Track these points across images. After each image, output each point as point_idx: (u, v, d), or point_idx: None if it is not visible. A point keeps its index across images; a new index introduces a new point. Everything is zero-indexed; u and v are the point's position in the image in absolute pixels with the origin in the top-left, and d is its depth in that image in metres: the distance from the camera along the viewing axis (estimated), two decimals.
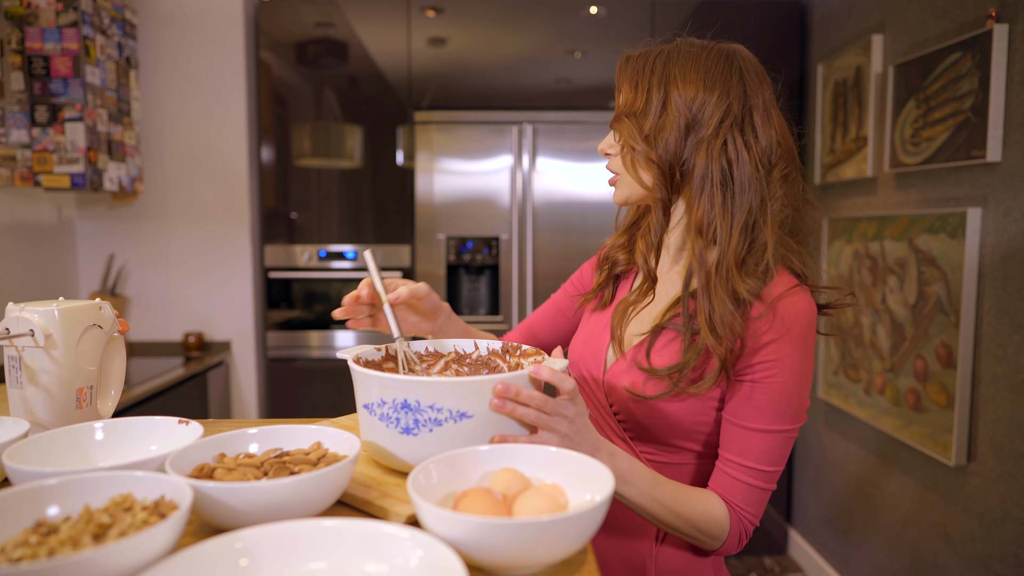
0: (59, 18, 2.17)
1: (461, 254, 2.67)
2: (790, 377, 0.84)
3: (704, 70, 0.87)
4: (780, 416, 0.85)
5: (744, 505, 0.86)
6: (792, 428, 0.86)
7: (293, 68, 2.70)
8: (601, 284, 1.04)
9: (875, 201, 2.29)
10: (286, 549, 0.56)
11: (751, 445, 0.85)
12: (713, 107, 0.85)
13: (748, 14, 2.71)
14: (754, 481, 0.86)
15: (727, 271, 0.84)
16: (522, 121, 2.64)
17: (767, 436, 0.85)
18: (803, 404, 0.87)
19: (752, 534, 0.90)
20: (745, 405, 0.86)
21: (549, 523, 0.55)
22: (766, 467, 0.86)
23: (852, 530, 2.44)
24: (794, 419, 0.86)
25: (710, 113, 0.85)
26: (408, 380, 0.73)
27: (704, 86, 0.86)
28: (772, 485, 0.87)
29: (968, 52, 1.80)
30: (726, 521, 0.86)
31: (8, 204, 2.32)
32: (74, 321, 0.88)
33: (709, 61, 0.87)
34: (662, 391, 0.87)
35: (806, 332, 0.85)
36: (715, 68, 0.87)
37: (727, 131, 0.85)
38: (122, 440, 0.81)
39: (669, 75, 0.87)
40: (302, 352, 2.78)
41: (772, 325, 0.84)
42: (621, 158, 0.92)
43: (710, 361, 0.86)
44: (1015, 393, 1.68)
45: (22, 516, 0.59)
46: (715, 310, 0.84)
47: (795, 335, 0.84)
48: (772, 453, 0.85)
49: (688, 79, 0.86)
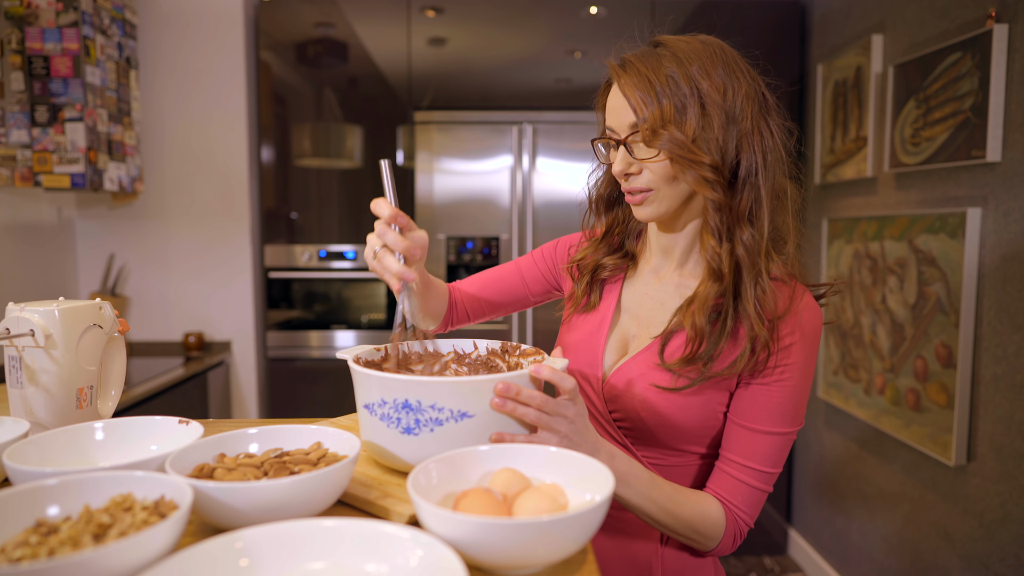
0: (59, 18, 2.17)
1: (461, 254, 2.67)
2: (800, 380, 0.86)
3: (719, 62, 0.85)
4: (786, 418, 0.86)
5: (741, 506, 0.87)
6: (793, 431, 0.87)
7: (293, 68, 2.70)
8: (585, 290, 1.01)
9: (875, 201, 2.29)
10: (286, 549, 0.56)
11: (755, 446, 0.86)
12: (743, 97, 0.84)
13: (748, 14, 2.71)
14: (754, 482, 0.86)
15: (766, 253, 0.85)
16: (522, 121, 2.64)
17: (771, 438, 0.86)
18: (805, 406, 0.88)
19: (747, 535, 0.91)
20: (754, 407, 0.86)
21: (549, 523, 0.55)
22: (767, 468, 0.87)
23: (852, 530, 2.44)
24: (796, 421, 0.87)
25: (741, 104, 0.84)
26: (408, 380, 0.73)
27: (728, 77, 0.84)
28: (769, 487, 0.88)
29: (968, 52, 1.80)
30: (722, 522, 0.87)
31: (8, 204, 2.32)
32: (74, 321, 0.88)
33: (714, 53, 0.85)
34: (688, 383, 0.87)
35: (817, 335, 0.87)
36: (723, 58, 0.85)
37: (759, 118, 0.85)
38: (122, 440, 0.81)
39: (690, 75, 0.83)
40: (302, 352, 2.78)
41: (791, 328, 0.85)
42: (655, 172, 0.86)
43: (737, 346, 0.86)
44: (1015, 393, 1.68)
45: (22, 516, 0.59)
46: (763, 292, 0.84)
47: (811, 338, 0.86)
48: (774, 455, 0.87)
49: (710, 74, 0.83)
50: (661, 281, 0.96)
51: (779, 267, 0.88)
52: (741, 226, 0.85)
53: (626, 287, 1.00)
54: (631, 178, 0.88)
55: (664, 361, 0.88)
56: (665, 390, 0.87)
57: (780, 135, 0.87)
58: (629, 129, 0.86)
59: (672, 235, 0.94)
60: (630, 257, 1.01)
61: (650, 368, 0.89)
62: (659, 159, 0.85)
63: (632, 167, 0.87)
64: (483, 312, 1.13)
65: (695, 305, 0.86)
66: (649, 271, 0.99)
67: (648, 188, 0.87)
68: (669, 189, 0.87)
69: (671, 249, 0.95)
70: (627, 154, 0.87)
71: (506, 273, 1.13)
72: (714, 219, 0.86)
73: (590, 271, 1.01)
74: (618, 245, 1.02)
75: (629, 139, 0.86)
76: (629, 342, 0.95)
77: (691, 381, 0.86)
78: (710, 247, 0.86)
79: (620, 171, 0.88)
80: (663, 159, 0.84)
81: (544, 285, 1.13)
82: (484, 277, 1.14)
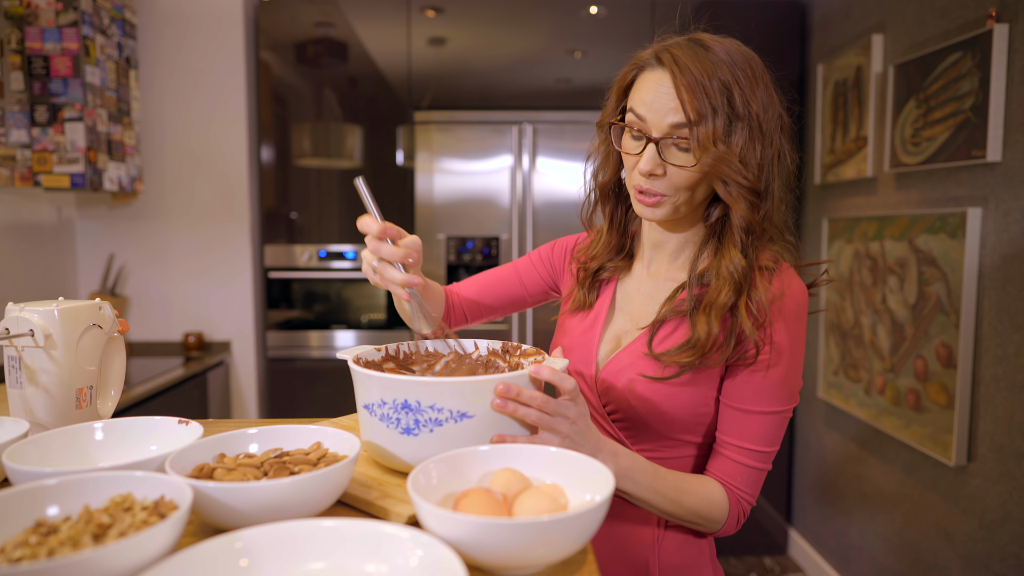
0: (59, 18, 2.17)
1: (461, 254, 2.67)
2: (788, 359, 0.87)
3: (761, 82, 0.84)
4: (778, 397, 0.87)
5: (743, 486, 0.88)
6: (788, 408, 0.89)
7: (293, 68, 2.70)
8: (585, 289, 1.02)
9: (875, 201, 2.29)
10: (286, 549, 0.56)
11: (750, 427, 0.87)
12: (776, 119, 0.85)
13: (748, 14, 2.71)
14: (752, 462, 0.88)
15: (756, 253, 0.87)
16: (522, 121, 2.64)
17: (765, 418, 0.87)
18: (798, 384, 0.89)
19: (749, 514, 0.92)
20: (744, 388, 0.87)
21: (549, 523, 0.55)
22: (764, 448, 0.88)
23: (852, 530, 2.44)
24: (790, 399, 0.88)
25: (773, 126, 0.85)
26: (408, 380, 0.73)
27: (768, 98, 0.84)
28: (768, 465, 0.89)
29: (968, 52, 1.80)
30: (725, 504, 0.88)
31: (8, 204, 2.31)
32: (74, 321, 0.88)
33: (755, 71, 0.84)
34: (677, 371, 0.87)
35: (802, 313, 0.88)
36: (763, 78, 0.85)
37: (783, 141, 0.87)
38: (122, 440, 0.81)
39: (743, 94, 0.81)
40: (302, 352, 2.78)
41: (771, 307, 0.86)
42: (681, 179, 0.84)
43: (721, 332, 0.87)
44: (1015, 393, 1.68)
45: (22, 516, 0.59)
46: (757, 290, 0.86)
47: (793, 317, 0.87)
48: (770, 434, 0.88)
49: (756, 93, 0.83)
50: (652, 277, 0.98)
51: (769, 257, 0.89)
52: (755, 240, 0.87)
53: (620, 285, 1.01)
54: (654, 179, 0.85)
55: (652, 351, 0.89)
56: (653, 380, 0.89)
57: (792, 156, 0.89)
58: (669, 130, 0.82)
59: (669, 233, 0.95)
60: (630, 257, 1.03)
61: (638, 358, 0.91)
62: (692, 168, 0.83)
63: (659, 168, 0.84)
64: (480, 314, 1.14)
65: (713, 312, 0.86)
66: (641, 268, 1.00)
67: (666, 193, 0.86)
68: (686, 196, 0.86)
69: (664, 244, 0.96)
70: (656, 154, 0.84)
71: (503, 275, 1.14)
72: (741, 235, 0.86)
73: (593, 272, 1.02)
74: (620, 246, 1.02)
75: (663, 140, 0.83)
76: (622, 338, 0.96)
77: (679, 370, 0.87)
78: (735, 261, 0.86)
79: (648, 171, 0.84)
80: (696, 169, 0.83)
81: (542, 287, 1.14)
82: (481, 280, 1.14)
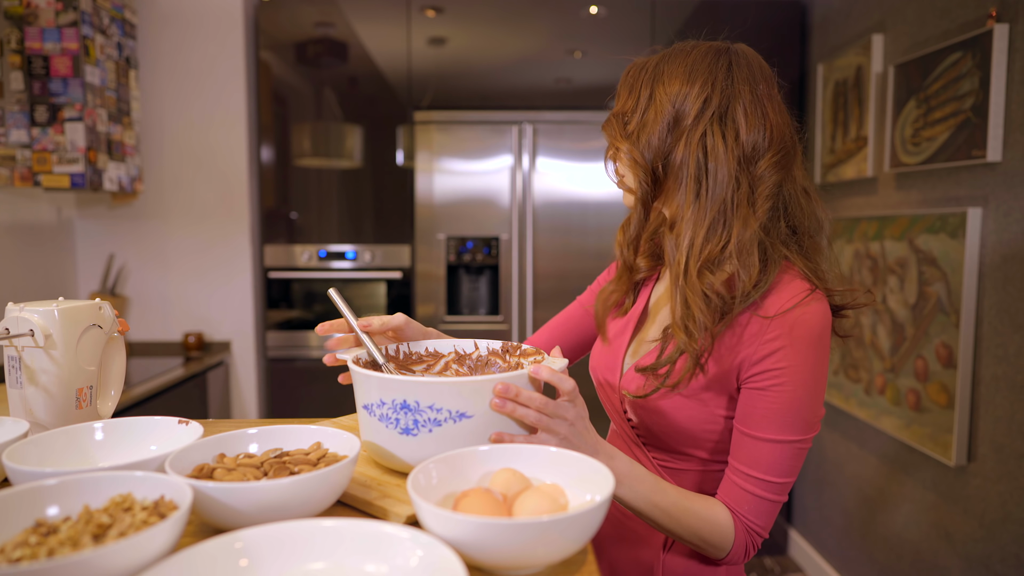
0: (59, 18, 2.17)
1: (461, 254, 2.67)
2: (799, 386, 0.81)
3: (690, 65, 0.86)
4: (789, 426, 0.82)
5: (751, 516, 0.84)
6: (802, 439, 0.83)
7: (293, 68, 2.70)
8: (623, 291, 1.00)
9: (875, 201, 2.29)
10: (286, 549, 0.56)
11: (760, 455, 0.83)
12: (693, 99, 0.85)
13: (748, 14, 2.70)
14: (762, 492, 0.83)
15: (698, 268, 0.82)
16: (522, 121, 2.64)
17: (776, 446, 0.82)
18: (815, 414, 0.83)
19: (761, 545, 0.89)
20: (753, 413, 0.83)
21: (549, 523, 0.55)
22: (774, 478, 0.83)
23: (852, 530, 2.44)
24: (804, 429, 0.83)
25: (690, 106, 0.85)
26: (408, 381, 0.73)
27: (688, 79, 0.86)
28: (782, 497, 0.84)
29: (968, 52, 1.79)
30: (730, 531, 0.83)
31: (8, 204, 2.31)
32: (74, 321, 0.88)
33: (697, 56, 0.87)
34: (650, 391, 0.87)
35: (817, 340, 0.82)
36: (701, 62, 0.86)
37: (706, 123, 0.84)
38: (122, 440, 0.81)
39: (659, 73, 0.88)
40: (302, 352, 2.78)
41: (781, 331, 0.81)
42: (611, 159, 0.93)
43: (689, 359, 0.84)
44: (1015, 393, 1.68)
45: (22, 516, 0.59)
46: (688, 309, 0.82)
47: (804, 343, 0.81)
48: (781, 464, 0.82)
49: (674, 75, 0.87)
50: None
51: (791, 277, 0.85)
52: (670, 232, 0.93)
53: (654, 291, 1.00)
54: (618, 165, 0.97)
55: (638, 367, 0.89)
56: (634, 398, 0.89)
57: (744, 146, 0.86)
58: None
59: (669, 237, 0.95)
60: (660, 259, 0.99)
61: (636, 374, 0.91)
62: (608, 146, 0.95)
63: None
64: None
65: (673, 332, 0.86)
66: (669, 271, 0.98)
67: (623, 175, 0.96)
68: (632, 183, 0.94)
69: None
70: None
71: (572, 314, 1.14)
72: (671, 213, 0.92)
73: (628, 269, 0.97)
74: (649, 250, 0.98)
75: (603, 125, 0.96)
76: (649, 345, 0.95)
77: (647, 392, 0.87)
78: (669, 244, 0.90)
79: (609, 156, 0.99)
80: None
81: None
82: (553, 325, 1.14)
